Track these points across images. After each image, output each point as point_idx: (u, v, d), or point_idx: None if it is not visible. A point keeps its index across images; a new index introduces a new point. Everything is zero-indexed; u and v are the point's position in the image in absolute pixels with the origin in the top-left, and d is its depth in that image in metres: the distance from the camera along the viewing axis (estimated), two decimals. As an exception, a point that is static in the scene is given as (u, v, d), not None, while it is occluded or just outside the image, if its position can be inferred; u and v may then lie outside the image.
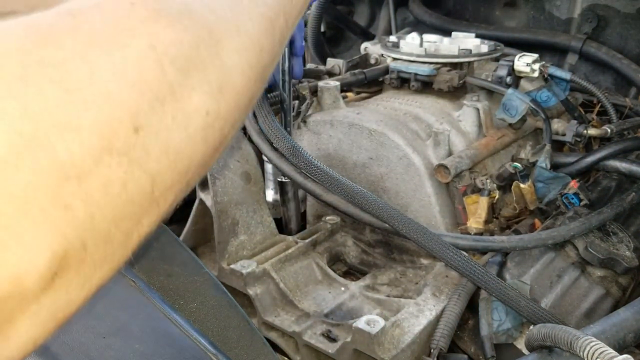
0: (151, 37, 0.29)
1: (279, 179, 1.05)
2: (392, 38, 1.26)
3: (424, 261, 1.02)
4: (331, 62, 1.33)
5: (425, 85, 1.19)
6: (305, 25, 1.74)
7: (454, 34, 1.27)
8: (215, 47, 0.33)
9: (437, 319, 0.83)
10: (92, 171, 0.25)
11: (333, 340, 0.83)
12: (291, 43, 0.97)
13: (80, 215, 0.25)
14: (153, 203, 0.29)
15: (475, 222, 0.96)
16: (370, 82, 1.27)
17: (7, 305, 0.23)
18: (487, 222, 0.97)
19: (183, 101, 0.30)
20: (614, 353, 0.54)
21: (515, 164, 1.00)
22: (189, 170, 0.31)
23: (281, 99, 1.00)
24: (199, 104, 0.31)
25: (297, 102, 1.13)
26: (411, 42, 1.21)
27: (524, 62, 1.14)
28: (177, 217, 1.12)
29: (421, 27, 1.58)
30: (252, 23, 0.36)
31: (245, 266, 0.89)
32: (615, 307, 0.87)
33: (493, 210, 1.01)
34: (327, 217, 1.08)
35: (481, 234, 0.96)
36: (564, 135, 1.11)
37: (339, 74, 1.29)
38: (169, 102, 0.29)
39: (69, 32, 0.26)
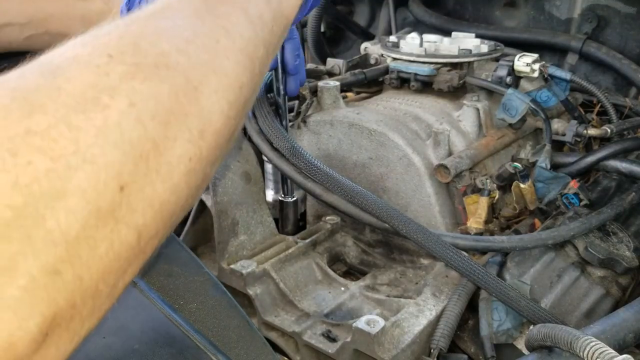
0: (130, 94, 0.29)
1: (280, 198, 1.06)
2: (392, 38, 1.26)
3: (424, 261, 1.02)
4: (331, 62, 1.33)
5: (425, 85, 1.19)
6: (305, 25, 1.74)
7: (454, 34, 1.27)
8: (194, 93, 0.33)
9: (437, 319, 0.83)
10: (80, 235, 0.25)
11: (333, 340, 0.83)
12: (282, 61, 0.94)
13: (69, 278, 0.25)
14: (139, 254, 0.30)
15: (475, 222, 0.96)
16: (370, 82, 1.27)
17: None
18: (487, 222, 0.97)
19: (166, 153, 0.30)
20: (614, 353, 0.54)
21: (515, 164, 1.00)
22: (173, 215, 0.32)
23: (276, 105, 1.00)
24: (181, 152, 0.31)
25: (297, 102, 1.13)
26: (411, 42, 1.21)
27: (524, 62, 1.14)
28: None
29: (421, 27, 1.58)
30: (229, 62, 0.36)
31: (245, 266, 0.89)
32: (615, 307, 0.87)
33: (493, 210, 1.01)
34: (327, 217, 1.08)
35: (481, 234, 0.96)
36: (564, 135, 1.11)
37: (339, 74, 1.29)
38: (152, 158, 0.29)
39: (52, 95, 0.27)
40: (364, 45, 1.39)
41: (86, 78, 0.28)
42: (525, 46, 1.38)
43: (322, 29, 1.76)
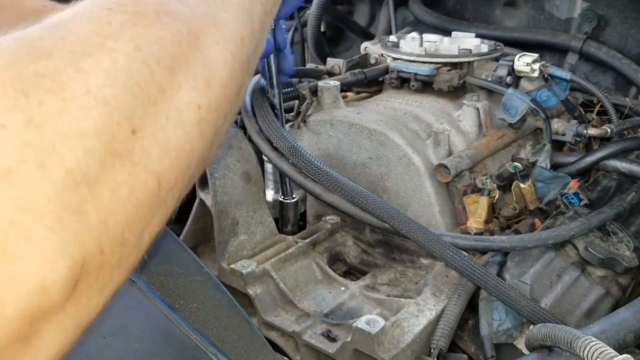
0: (134, 38, 0.29)
1: (280, 199, 1.06)
2: (392, 38, 1.26)
3: (424, 261, 1.02)
4: (331, 62, 1.33)
5: (425, 85, 1.19)
6: (305, 25, 1.74)
7: (454, 33, 1.27)
8: (196, 42, 0.33)
9: (437, 318, 0.83)
10: (99, 176, 0.26)
11: (333, 340, 0.83)
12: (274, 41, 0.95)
13: (95, 221, 0.25)
14: (161, 203, 0.30)
15: (475, 221, 0.96)
16: (370, 82, 1.27)
17: (35, 318, 0.23)
18: (487, 221, 0.97)
19: (173, 99, 0.30)
20: (614, 353, 0.54)
21: (515, 163, 1.00)
22: (190, 166, 0.32)
23: (271, 105, 0.99)
24: (189, 99, 0.31)
25: (297, 101, 1.13)
26: (411, 42, 1.21)
27: (524, 61, 1.14)
28: (177, 216, 1.12)
29: (421, 27, 1.58)
30: (228, 14, 0.37)
31: (245, 266, 0.89)
32: (615, 307, 0.87)
33: (493, 210, 1.01)
34: (327, 217, 1.08)
35: (481, 233, 0.96)
36: (564, 135, 1.11)
37: (339, 74, 1.29)
38: (160, 102, 0.29)
39: (57, 43, 0.27)
40: (364, 45, 1.39)
41: (89, 28, 0.28)
42: (525, 46, 1.38)
43: (322, 29, 1.76)
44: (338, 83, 1.14)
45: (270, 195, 1.11)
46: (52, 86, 0.25)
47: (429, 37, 1.23)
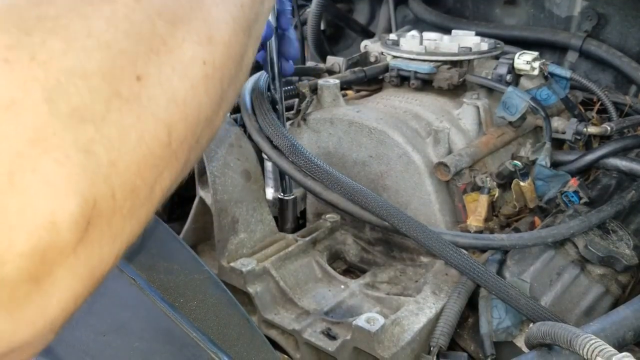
0: None
1: (280, 196, 1.05)
2: (392, 36, 1.26)
3: (424, 259, 1.02)
4: (331, 60, 1.33)
5: (425, 83, 1.19)
6: (305, 23, 1.74)
7: (454, 31, 1.27)
8: (196, 1, 0.33)
9: (437, 317, 0.83)
10: (106, 117, 0.25)
11: (333, 338, 0.83)
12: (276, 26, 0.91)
13: (104, 161, 0.25)
14: (172, 156, 0.30)
15: (475, 220, 0.96)
16: (370, 80, 1.27)
17: (45, 256, 0.23)
18: (486, 220, 0.97)
19: (177, 52, 0.30)
20: (614, 351, 0.54)
21: (515, 162, 1.00)
22: (199, 123, 0.32)
23: (272, 101, 0.99)
24: (193, 54, 0.31)
25: (297, 100, 1.13)
26: (411, 40, 1.21)
27: (524, 60, 1.14)
28: (177, 215, 1.12)
29: (421, 25, 1.58)
30: None
31: (245, 264, 0.89)
32: (614, 305, 0.87)
33: (493, 208, 1.01)
34: (327, 215, 1.08)
35: (481, 232, 0.96)
36: (563, 133, 1.11)
37: (339, 72, 1.29)
38: (164, 54, 0.29)
39: None
40: (364, 43, 1.39)
41: None
42: (526, 44, 1.38)
43: (322, 27, 1.76)
44: (338, 81, 1.14)
45: (270, 193, 1.11)
46: (55, 28, 0.25)
47: (429, 35, 1.23)
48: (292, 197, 1.06)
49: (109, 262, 0.27)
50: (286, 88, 1.11)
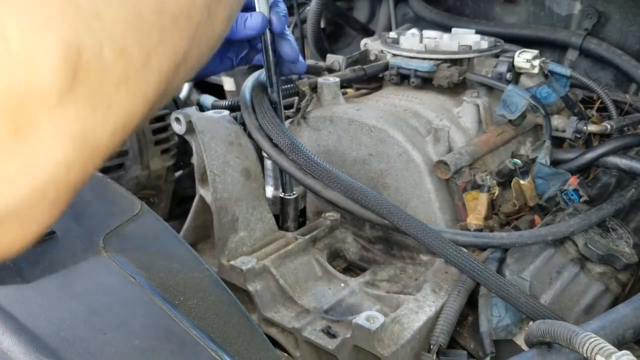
0: None
1: (281, 195, 1.05)
2: (392, 34, 1.26)
3: (424, 257, 1.02)
4: (331, 59, 1.33)
5: (425, 82, 1.19)
6: (305, 21, 1.74)
7: (454, 30, 1.27)
8: None
9: (437, 315, 0.83)
10: None
11: (333, 336, 0.83)
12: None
13: (85, 8, 0.23)
14: (166, 29, 0.28)
15: (474, 218, 0.96)
16: (370, 79, 1.27)
17: (25, 99, 0.21)
18: (486, 218, 0.97)
19: None
20: (613, 349, 0.54)
21: (515, 160, 1.00)
22: (194, 5, 0.31)
23: (271, 101, 0.99)
24: None
25: (296, 98, 1.13)
26: (411, 38, 1.21)
27: (524, 58, 1.14)
28: (177, 213, 1.12)
29: (421, 23, 1.58)
30: None
31: (245, 262, 0.89)
32: (614, 303, 0.87)
33: (493, 206, 1.01)
34: (327, 214, 1.08)
35: (481, 230, 0.96)
36: (563, 131, 1.11)
37: (339, 70, 1.29)
38: None
39: None
40: (363, 41, 1.38)
41: None
42: (526, 42, 1.38)
43: (322, 25, 1.75)
44: (338, 79, 1.14)
45: (270, 191, 1.11)
46: None
47: (429, 33, 1.23)
48: (293, 195, 1.06)
49: (106, 132, 0.25)
50: (286, 86, 1.11)
